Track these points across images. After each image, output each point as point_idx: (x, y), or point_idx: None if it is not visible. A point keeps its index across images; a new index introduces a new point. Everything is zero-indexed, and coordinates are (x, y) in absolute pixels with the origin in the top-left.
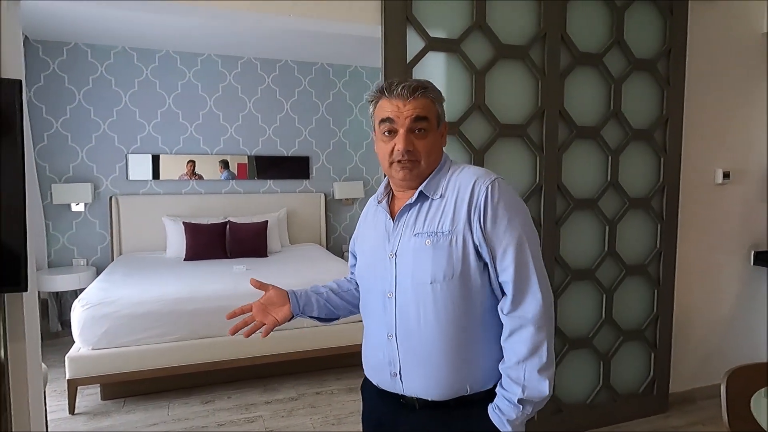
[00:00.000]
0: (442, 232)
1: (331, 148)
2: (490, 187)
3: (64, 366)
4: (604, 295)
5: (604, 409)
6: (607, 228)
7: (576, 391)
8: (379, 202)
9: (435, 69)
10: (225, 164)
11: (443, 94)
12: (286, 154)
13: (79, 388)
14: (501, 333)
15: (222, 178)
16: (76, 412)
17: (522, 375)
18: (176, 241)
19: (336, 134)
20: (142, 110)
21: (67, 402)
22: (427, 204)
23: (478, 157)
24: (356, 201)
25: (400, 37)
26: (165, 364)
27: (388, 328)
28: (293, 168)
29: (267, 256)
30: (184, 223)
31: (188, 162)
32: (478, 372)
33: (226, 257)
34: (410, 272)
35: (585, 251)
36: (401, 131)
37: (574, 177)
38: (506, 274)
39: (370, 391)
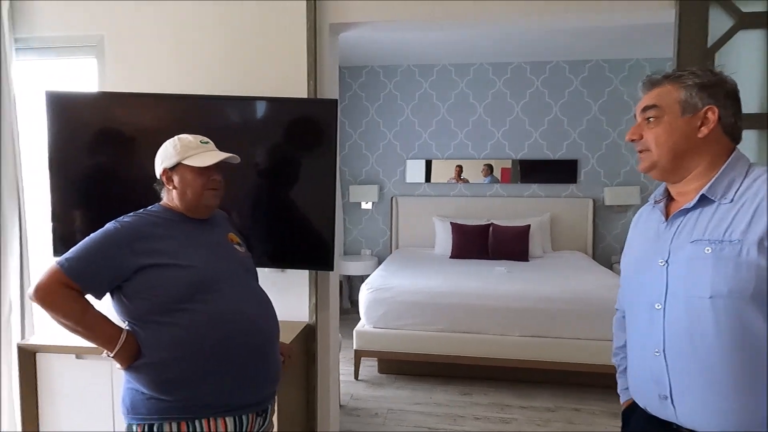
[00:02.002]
0: (729, 241)
1: (603, 150)
2: None
3: (352, 338)
4: None
5: None
6: None
7: None
8: (656, 203)
9: (747, 51)
10: (489, 168)
11: (760, 81)
12: (552, 158)
13: (361, 359)
14: None
15: (486, 181)
16: (359, 378)
17: None
18: (443, 240)
19: (609, 135)
20: (420, 120)
21: (353, 369)
22: (711, 208)
23: None
24: (630, 208)
25: (700, 17)
26: (428, 350)
27: (655, 343)
28: (559, 172)
29: (528, 261)
30: (451, 223)
31: (456, 166)
32: None
33: (488, 258)
34: (683, 283)
35: None
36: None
37: None
38: None
39: (637, 415)
